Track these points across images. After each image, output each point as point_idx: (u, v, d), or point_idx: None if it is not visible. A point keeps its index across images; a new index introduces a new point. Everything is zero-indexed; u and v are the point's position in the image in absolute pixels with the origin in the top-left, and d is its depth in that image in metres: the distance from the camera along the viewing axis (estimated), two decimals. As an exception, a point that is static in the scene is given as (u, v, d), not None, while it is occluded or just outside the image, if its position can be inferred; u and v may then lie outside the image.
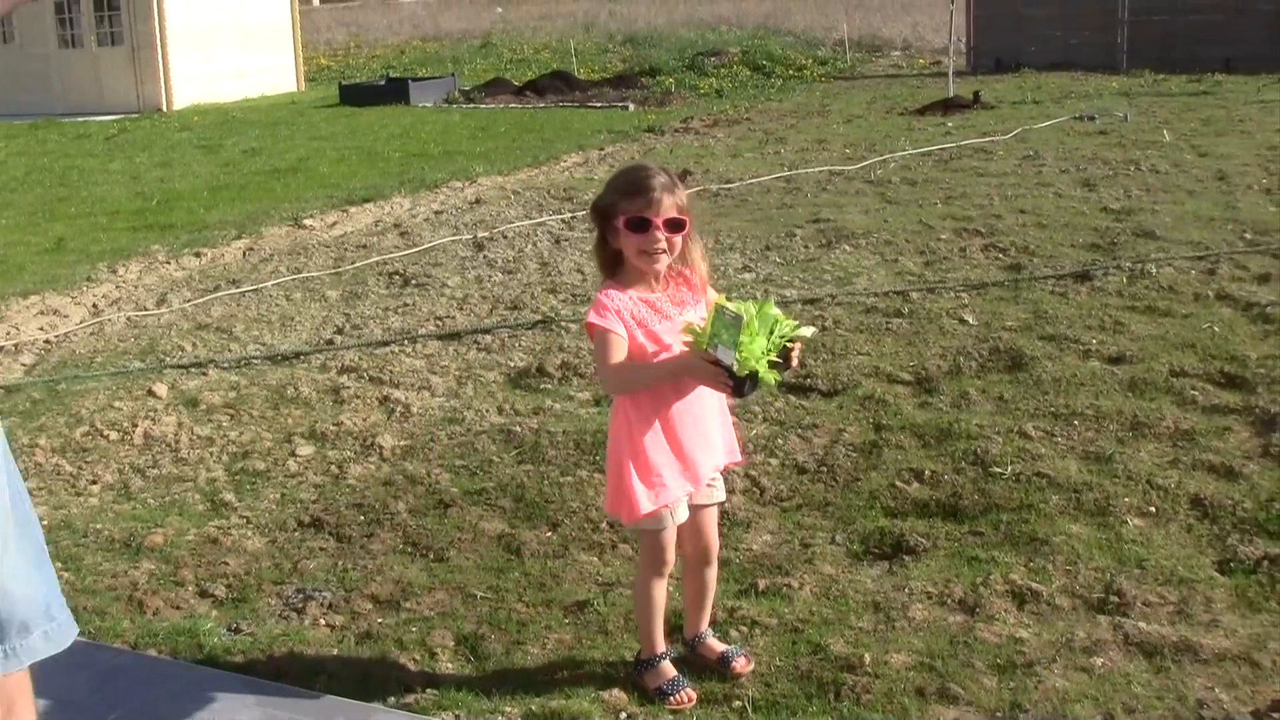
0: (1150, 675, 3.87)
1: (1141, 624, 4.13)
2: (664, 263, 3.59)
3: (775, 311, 3.51)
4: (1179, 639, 4.02)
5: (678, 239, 3.59)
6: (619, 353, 3.59)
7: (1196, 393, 6.07)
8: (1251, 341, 6.79)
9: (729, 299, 3.54)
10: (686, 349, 3.55)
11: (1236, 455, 5.39)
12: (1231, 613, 4.22)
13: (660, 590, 3.84)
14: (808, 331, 3.56)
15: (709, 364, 3.43)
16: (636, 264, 3.60)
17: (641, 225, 3.53)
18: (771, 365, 3.42)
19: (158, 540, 5.04)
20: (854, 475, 5.38)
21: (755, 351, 3.38)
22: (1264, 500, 4.96)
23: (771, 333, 3.44)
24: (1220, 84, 18.95)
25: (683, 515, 3.75)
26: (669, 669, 3.86)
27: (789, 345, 3.47)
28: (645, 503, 3.64)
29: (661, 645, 3.89)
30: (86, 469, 5.82)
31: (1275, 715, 3.64)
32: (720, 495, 3.91)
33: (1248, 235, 9.12)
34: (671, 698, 3.80)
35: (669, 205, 3.53)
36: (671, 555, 3.82)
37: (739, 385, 3.41)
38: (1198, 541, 4.72)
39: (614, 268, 3.67)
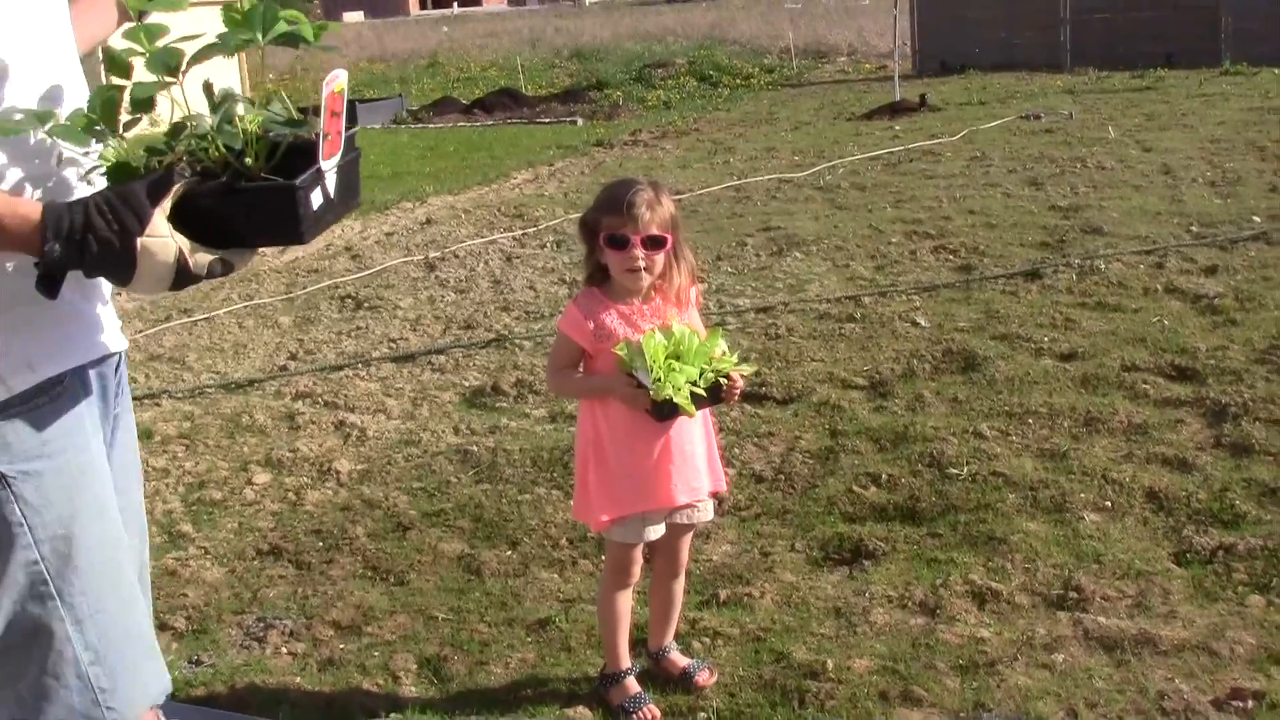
0: (1111, 669, 3.90)
1: (1101, 618, 4.16)
2: (645, 279, 3.60)
3: (721, 344, 3.58)
4: (1138, 632, 4.05)
5: (658, 256, 3.58)
6: (565, 358, 3.67)
7: (1148, 386, 6.12)
8: (1201, 333, 6.85)
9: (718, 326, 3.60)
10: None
11: (1189, 447, 5.44)
12: (1189, 603, 4.26)
13: (624, 603, 3.84)
14: (747, 369, 3.62)
15: (632, 386, 3.48)
16: (620, 280, 3.61)
17: (621, 243, 3.53)
18: (696, 397, 3.46)
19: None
20: (811, 482, 5.39)
21: (678, 380, 3.43)
22: (1217, 490, 5.01)
23: (708, 364, 3.50)
24: (1162, 79, 19.10)
25: (656, 533, 3.75)
26: (633, 685, 3.86)
27: (723, 381, 3.52)
28: (606, 510, 3.65)
29: (625, 661, 3.89)
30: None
31: (1235, 704, 3.67)
32: (705, 516, 3.90)
33: (1194, 228, 9.20)
34: (634, 715, 3.80)
35: (650, 222, 3.52)
36: (638, 570, 3.82)
37: (658, 408, 3.45)
38: (1154, 534, 4.76)
39: (600, 280, 3.67)
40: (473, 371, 7.18)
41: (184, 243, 2.08)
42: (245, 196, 2.14)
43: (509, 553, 4.97)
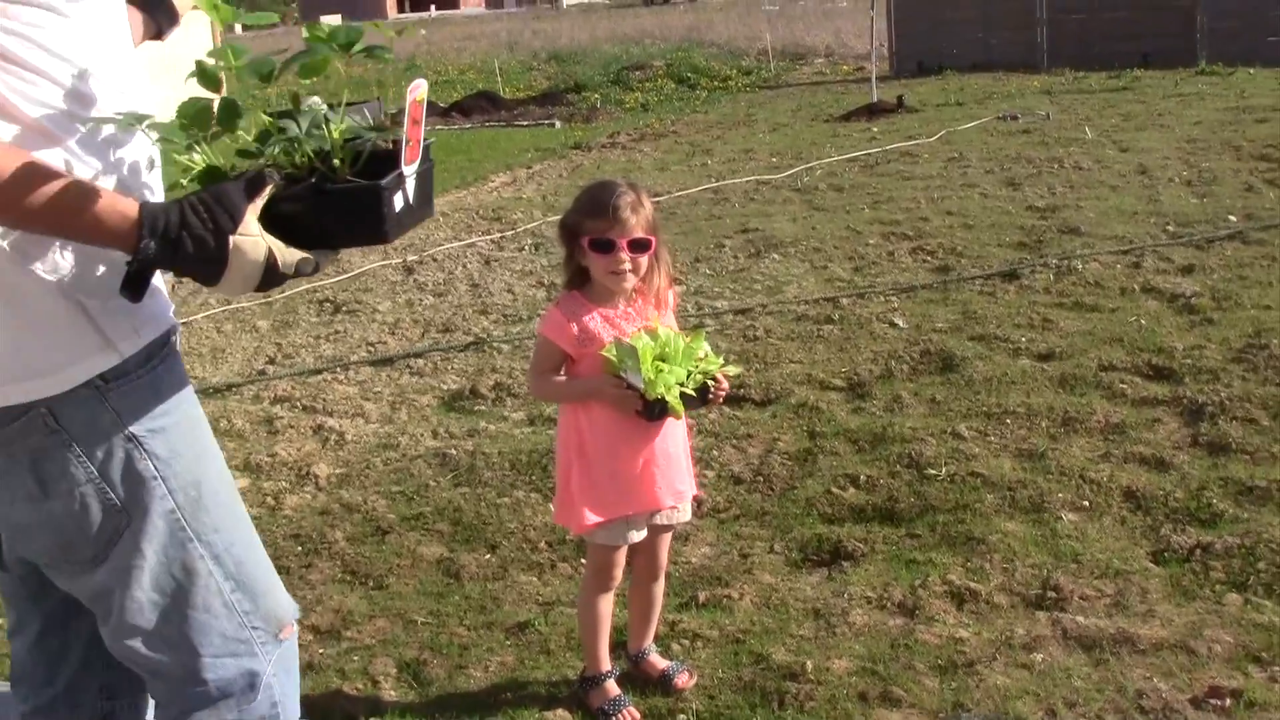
0: (1090, 668, 3.91)
1: (1079, 618, 4.17)
2: (630, 282, 3.59)
3: (705, 346, 3.61)
4: (1116, 631, 4.06)
5: (643, 259, 3.58)
6: (548, 362, 3.64)
7: (1125, 386, 6.14)
8: (1178, 333, 6.87)
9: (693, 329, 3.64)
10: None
11: (1166, 446, 5.46)
12: (1167, 602, 4.27)
13: (605, 606, 3.84)
14: (733, 369, 3.65)
15: (620, 387, 3.48)
16: (603, 283, 3.60)
17: (606, 246, 3.52)
18: (685, 398, 3.48)
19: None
20: (790, 484, 5.39)
21: (669, 380, 3.45)
22: (1194, 489, 5.02)
23: (695, 366, 3.53)
24: (1139, 79, 19.17)
25: (638, 535, 3.74)
26: (612, 688, 3.86)
27: (710, 382, 3.54)
28: (592, 514, 3.63)
29: (606, 664, 3.88)
30: None
31: (1213, 702, 3.69)
32: (684, 517, 3.89)
33: (1170, 228, 9.23)
34: (614, 718, 3.80)
35: (634, 225, 3.52)
36: (619, 572, 3.81)
37: (649, 408, 3.47)
38: (1131, 533, 4.77)
39: (580, 283, 3.67)
40: (451, 375, 7.17)
41: (274, 243, 2.16)
42: (333, 198, 2.23)
43: (488, 556, 4.96)
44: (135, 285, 2.11)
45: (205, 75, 2.27)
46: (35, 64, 2.13)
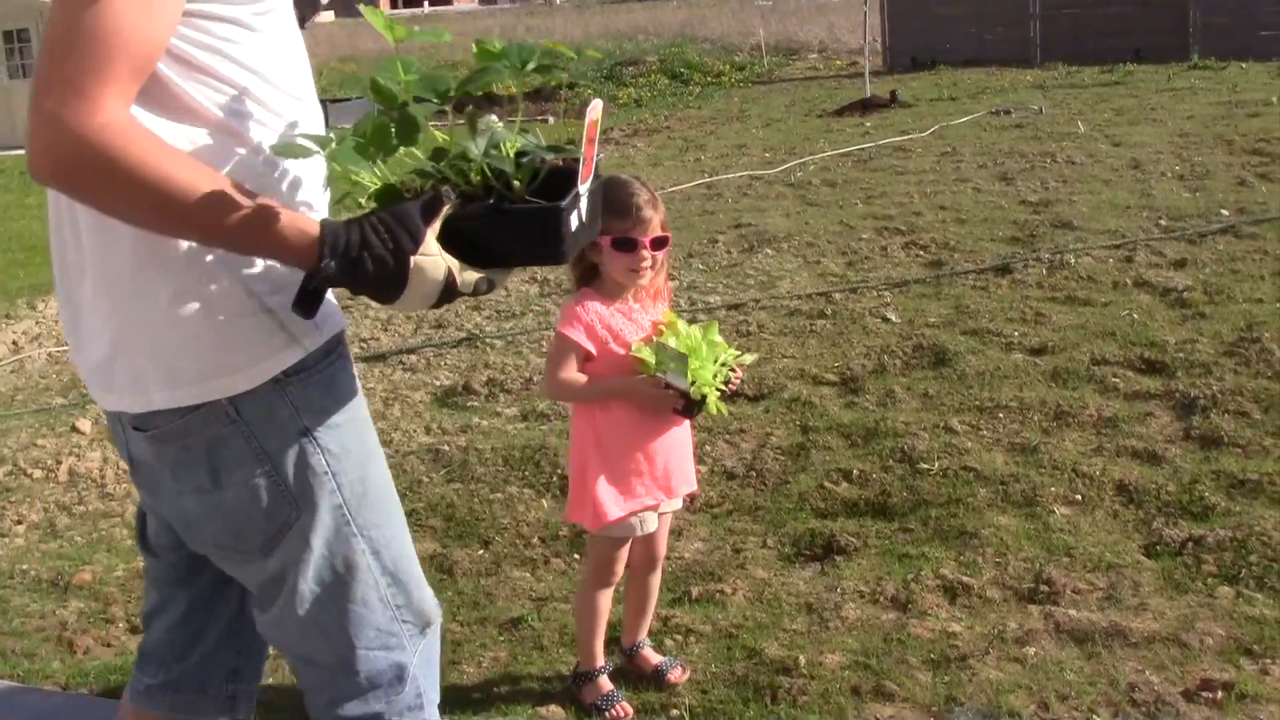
0: (1082, 662, 3.91)
1: (1071, 611, 4.18)
2: (648, 278, 3.63)
3: (719, 339, 3.67)
4: (1109, 624, 4.07)
5: (661, 255, 3.63)
6: (571, 365, 3.62)
7: (1118, 380, 6.15)
8: (1170, 326, 6.88)
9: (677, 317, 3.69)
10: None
11: (1158, 440, 5.46)
12: (1159, 595, 4.27)
13: (605, 601, 3.85)
14: (749, 359, 3.71)
15: (659, 387, 3.53)
16: (620, 280, 3.61)
17: (629, 245, 3.54)
18: (719, 394, 3.60)
19: (86, 578, 4.98)
20: (783, 478, 5.40)
21: (707, 378, 3.54)
22: (1186, 483, 5.03)
23: (716, 359, 3.60)
24: (1131, 74, 19.19)
25: (652, 525, 3.77)
26: (605, 683, 3.87)
27: (730, 373, 3.63)
28: (613, 508, 3.64)
29: (600, 659, 3.89)
30: (11, 509, 5.74)
31: (1205, 694, 3.69)
32: (677, 505, 3.93)
33: (1163, 222, 9.24)
34: (607, 713, 3.80)
35: (655, 224, 3.56)
36: (621, 567, 3.82)
37: (690, 408, 3.56)
38: (1124, 527, 4.78)
39: (589, 280, 3.67)
40: (444, 371, 7.17)
41: (453, 262, 2.18)
42: (511, 218, 2.22)
43: (481, 552, 4.96)
44: (310, 303, 2.14)
45: (382, 92, 2.26)
46: (227, 75, 2.18)
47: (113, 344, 2.28)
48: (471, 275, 2.21)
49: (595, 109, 2.35)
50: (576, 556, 4.83)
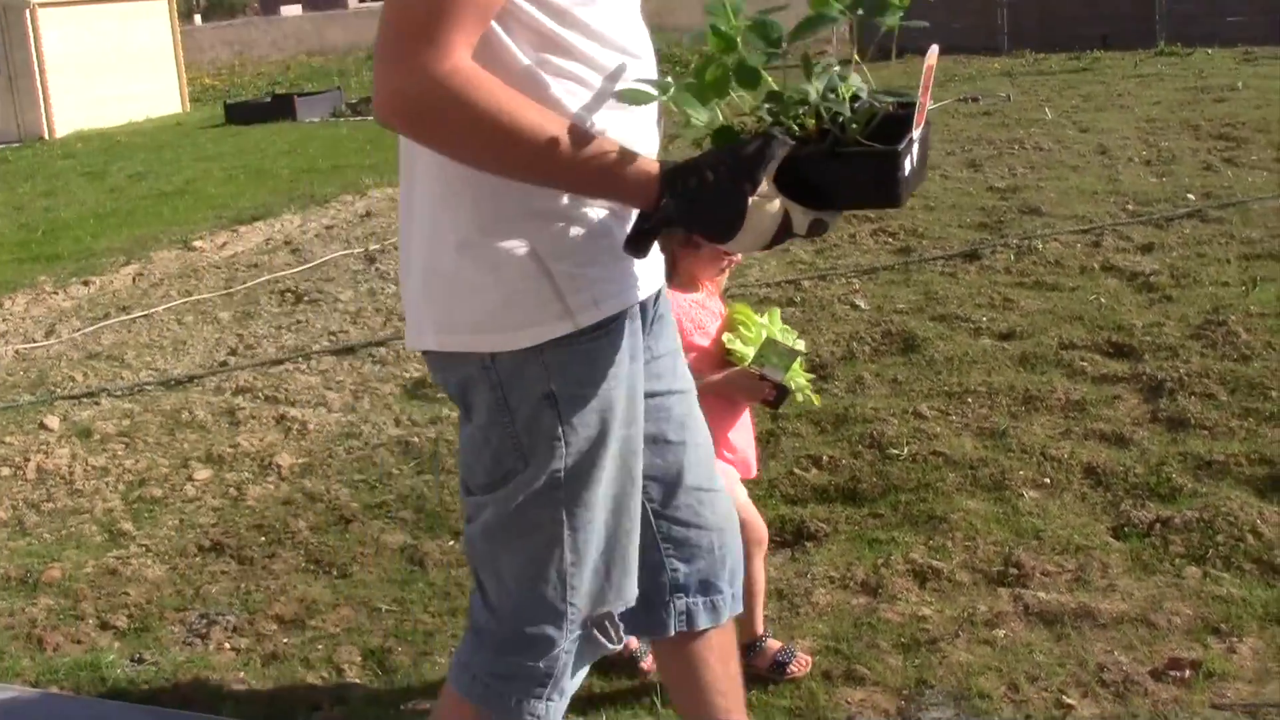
0: (1051, 643, 3.93)
1: (1041, 594, 4.20)
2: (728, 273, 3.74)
3: (783, 325, 3.80)
4: (1078, 606, 4.09)
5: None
6: None
7: (1085, 364, 6.17)
8: (1137, 310, 6.91)
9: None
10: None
11: (1126, 422, 5.49)
12: (1127, 576, 4.30)
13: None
14: (802, 346, 3.75)
15: (755, 380, 3.60)
16: (703, 275, 3.67)
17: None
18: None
19: (55, 574, 4.95)
20: (754, 465, 5.40)
21: (799, 370, 3.66)
22: (1154, 465, 5.06)
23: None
24: (1098, 60, 19.24)
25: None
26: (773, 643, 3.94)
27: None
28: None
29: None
30: (-22, 507, 5.71)
31: (1173, 673, 3.72)
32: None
33: (1130, 207, 9.27)
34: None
35: None
36: None
37: (781, 399, 3.64)
38: (1092, 509, 4.80)
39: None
40: (413, 363, 7.15)
41: (788, 203, 2.21)
42: (847, 161, 2.23)
43: (451, 543, 4.96)
44: (643, 242, 2.20)
45: (720, 36, 2.30)
46: (575, 46, 2.28)
47: (412, 283, 2.42)
48: (804, 217, 2.23)
49: (933, 54, 2.40)
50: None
